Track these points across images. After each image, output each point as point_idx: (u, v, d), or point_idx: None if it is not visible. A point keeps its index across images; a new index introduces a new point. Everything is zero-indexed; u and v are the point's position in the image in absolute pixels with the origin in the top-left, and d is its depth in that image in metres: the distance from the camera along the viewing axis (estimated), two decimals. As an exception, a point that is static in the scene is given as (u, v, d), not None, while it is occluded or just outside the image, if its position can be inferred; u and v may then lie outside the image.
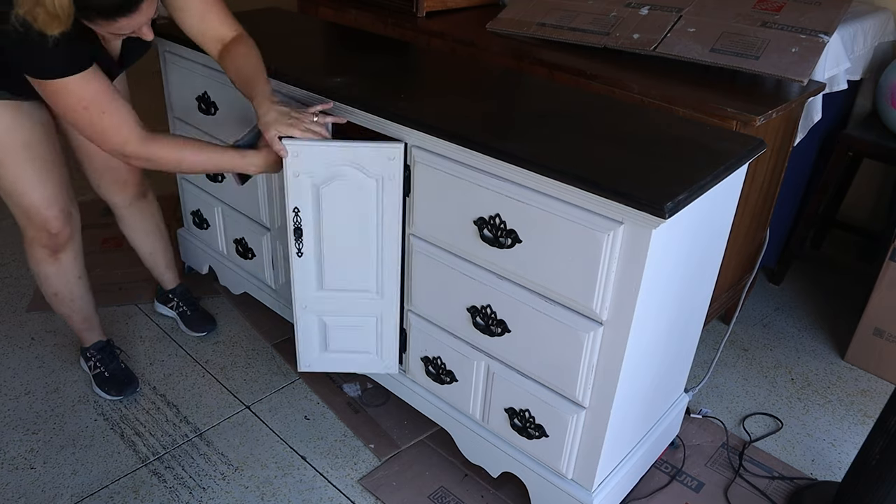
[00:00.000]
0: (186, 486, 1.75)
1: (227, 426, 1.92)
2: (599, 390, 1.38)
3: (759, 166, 1.97)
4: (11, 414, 1.94)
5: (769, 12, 1.98)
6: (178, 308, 2.27)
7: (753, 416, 2.02)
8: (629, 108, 1.61)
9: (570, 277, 1.31)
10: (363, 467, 1.81)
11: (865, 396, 2.12)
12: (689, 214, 1.29)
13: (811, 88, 1.91)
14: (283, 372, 2.12)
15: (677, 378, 1.72)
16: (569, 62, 2.02)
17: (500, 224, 1.37)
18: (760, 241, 2.26)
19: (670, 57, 1.97)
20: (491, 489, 1.75)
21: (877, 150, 2.26)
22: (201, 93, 1.96)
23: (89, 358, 2.04)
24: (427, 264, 1.57)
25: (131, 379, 2.03)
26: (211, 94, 1.93)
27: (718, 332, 2.35)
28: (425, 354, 1.70)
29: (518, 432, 1.55)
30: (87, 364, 2.05)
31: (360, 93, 1.59)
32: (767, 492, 1.78)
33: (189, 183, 2.27)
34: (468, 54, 2.24)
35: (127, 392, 2.00)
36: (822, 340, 2.36)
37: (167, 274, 2.23)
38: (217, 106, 1.93)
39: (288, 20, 2.24)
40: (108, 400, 2.00)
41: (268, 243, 2.04)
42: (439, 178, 1.45)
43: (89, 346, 2.03)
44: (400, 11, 2.51)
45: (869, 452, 1.51)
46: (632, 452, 1.63)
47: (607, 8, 2.18)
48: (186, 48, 1.95)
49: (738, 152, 1.37)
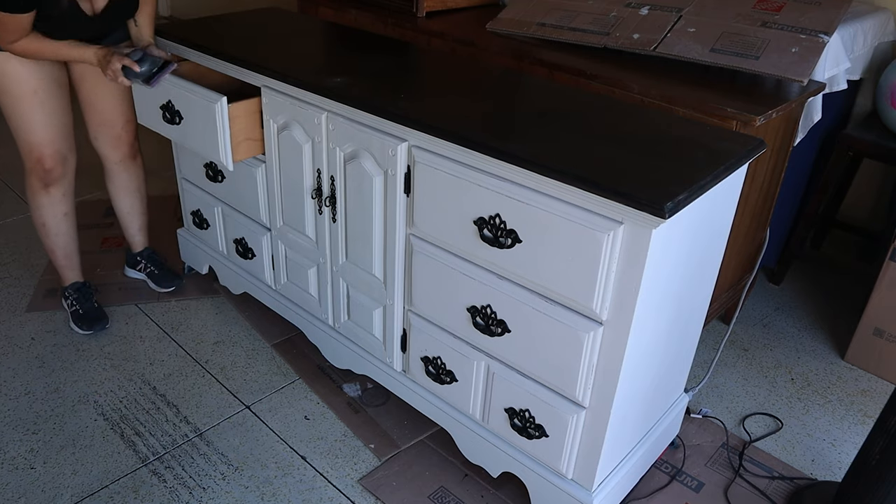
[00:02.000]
0: (186, 486, 1.75)
1: (227, 426, 1.92)
2: (599, 390, 1.38)
3: (759, 166, 1.97)
4: (11, 414, 1.94)
5: (769, 12, 1.98)
6: (147, 269, 2.45)
7: (753, 416, 2.02)
8: (629, 108, 1.61)
9: (570, 277, 1.31)
10: (363, 467, 1.81)
11: (865, 396, 2.12)
12: (689, 214, 1.29)
13: (811, 88, 1.91)
14: (283, 372, 2.12)
15: (677, 378, 1.72)
16: (569, 62, 2.02)
17: (501, 224, 1.37)
18: (760, 241, 2.26)
19: (670, 57, 1.97)
20: (491, 489, 1.75)
21: (877, 150, 2.26)
22: (165, 101, 1.90)
23: (67, 297, 2.28)
24: (427, 264, 1.57)
25: (101, 316, 2.26)
26: (175, 103, 1.87)
27: (718, 332, 2.35)
28: (425, 354, 1.70)
29: (518, 432, 1.55)
30: (66, 302, 2.29)
31: (360, 93, 1.59)
32: (767, 492, 1.78)
33: (189, 183, 2.27)
34: (468, 54, 2.24)
35: (96, 328, 2.23)
36: (822, 340, 2.36)
37: (138, 236, 2.42)
38: (181, 115, 1.87)
39: (288, 20, 2.24)
40: (81, 335, 2.22)
41: (268, 243, 2.04)
42: (439, 178, 1.45)
43: (68, 286, 2.28)
44: (400, 11, 2.51)
45: (869, 452, 1.51)
46: (632, 452, 1.63)
47: (607, 8, 2.18)
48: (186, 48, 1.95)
49: (738, 152, 1.37)
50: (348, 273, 1.80)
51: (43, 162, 2.01)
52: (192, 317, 2.34)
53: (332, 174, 1.70)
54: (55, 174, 2.05)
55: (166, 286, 2.43)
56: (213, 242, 2.29)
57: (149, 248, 2.46)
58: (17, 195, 3.07)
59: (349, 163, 1.63)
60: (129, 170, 2.26)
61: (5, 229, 2.79)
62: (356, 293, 1.82)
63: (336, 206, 1.72)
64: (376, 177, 1.58)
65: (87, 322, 2.23)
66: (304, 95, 1.68)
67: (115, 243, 2.69)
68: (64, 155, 2.04)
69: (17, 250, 2.65)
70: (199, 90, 1.76)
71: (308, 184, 1.78)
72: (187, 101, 1.81)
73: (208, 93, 1.75)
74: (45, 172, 2.03)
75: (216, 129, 1.76)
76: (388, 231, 1.62)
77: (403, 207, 1.56)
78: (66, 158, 2.05)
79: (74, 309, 2.25)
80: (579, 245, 1.27)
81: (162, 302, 2.40)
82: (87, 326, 2.22)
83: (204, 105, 1.76)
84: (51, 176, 2.04)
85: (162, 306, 2.38)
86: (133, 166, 2.26)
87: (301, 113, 1.70)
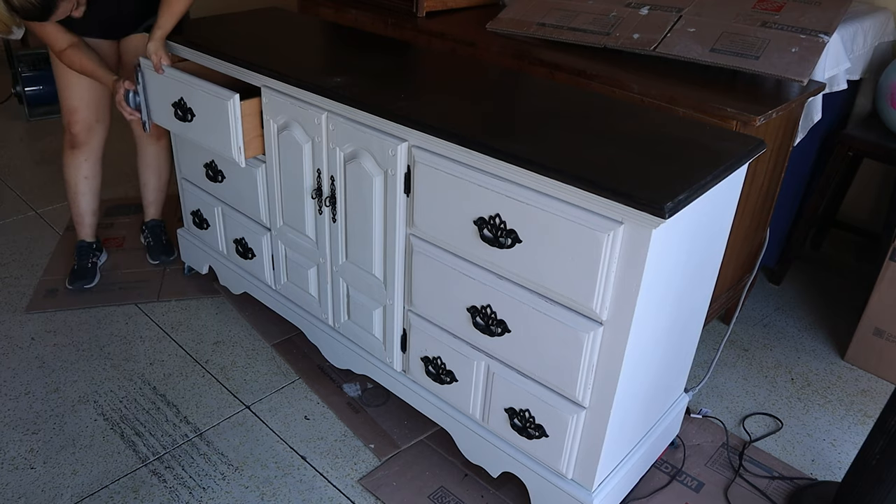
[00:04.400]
0: (186, 486, 1.75)
1: (227, 426, 1.92)
2: (599, 390, 1.38)
3: (759, 166, 1.97)
4: (11, 414, 1.94)
5: (769, 12, 1.98)
6: (146, 240, 2.63)
7: (753, 416, 2.02)
8: (629, 108, 1.61)
9: (570, 277, 1.31)
10: (363, 467, 1.81)
11: (865, 396, 2.12)
12: (689, 214, 1.29)
13: (811, 88, 1.91)
14: (283, 372, 2.12)
15: (677, 378, 1.72)
16: (569, 62, 2.02)
17: (500, 224, 1.37)
18: (760, 241, 2.27)
19: (670, 57, 1.97)
20: (491, 489, 1.75)
21: (877, 150, 2.26)
22: (177, 99, 1.92)
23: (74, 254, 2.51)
24: (427, 264, 1.57)
25: (86, 275, 2.45)
26: (187, 100, 1.89)
27: (718, 332, 2.35)
28: (425, 354, 1.70)
29: (518, 432, 1.55)
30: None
31: (360, 93, 1.59)
32: (767, 492, 1.78)
33: (189, 183, 2.27)
34: (468, 54, 2.24)
35: (76, 284, 2.42)
36: (822, 340, 2.36)
37: (150, 208, 2.62)
38: (193, 112, 1.89)
39: (288, 20, 2.24)
40: (70, 289, 2.41)
41: (268, 243, 2.04)
42: (439, 178, 1.45)
43: (76, 243, 2.50)
44: (400, 11, 2.51)
45: (869, 452, 1.51)
46: (632, 452, 1.63)
47: (607, 8, 2.18)
48: (187, 49, 1.95)
49: (738, 152, 1.37)
50: (348, 273, 1.80)
51: (71, 126, 2.29)
52: (192, 317, 2.34)
53: (332, 174, 1.70)
54: (80, 139, 2.31)
55: (154, 259, 2.59)
56: (213, 242, 2.29)
57: (154, 220, 2.63)
58: (17, 195, 3.07)
59: (349, 163, 1.63)
60: (153, 147, 2.47)
61: (5, 229, 2.79)
62: (356, 293, 1.82)
63: (336, 206, 1.72)
64: (376, 177, 1.58)
65: (73, 278, 2.43)
66: (304, 95, 1.68)
67: (117, 243, 2.70)
68: (90, 124, 2.30)
69: (17, 250, 2.65)
70: (212, 87, 1.79)
71: (308, 184, 1.78)
72: (200, 97, 1.84)
73: (221, 90, 1.77)
74: (72, 136, 2.31)
75: (229, 127, 1.79)
76: (388, 231, 1.62)
77: (403, 207, 1.56)
78: (91, 127, 2.31)
79: (73, 267, 2.47)
80: (579, 245, 1.27)
81: (162, 302, 2.40)
82: (69, 281, 2.43)
83: (217, 102, 1.78)
84: (76, 139, 2.31)
85: (162, 306, 2.38)
86: (157, 146, 2.47)
87: (301, 113, 1.70)
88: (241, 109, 1.77)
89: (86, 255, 2.48)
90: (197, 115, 1.88)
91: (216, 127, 1.83)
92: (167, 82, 1.93)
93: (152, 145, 2.47)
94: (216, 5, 4.23)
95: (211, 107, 1.81)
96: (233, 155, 1.83)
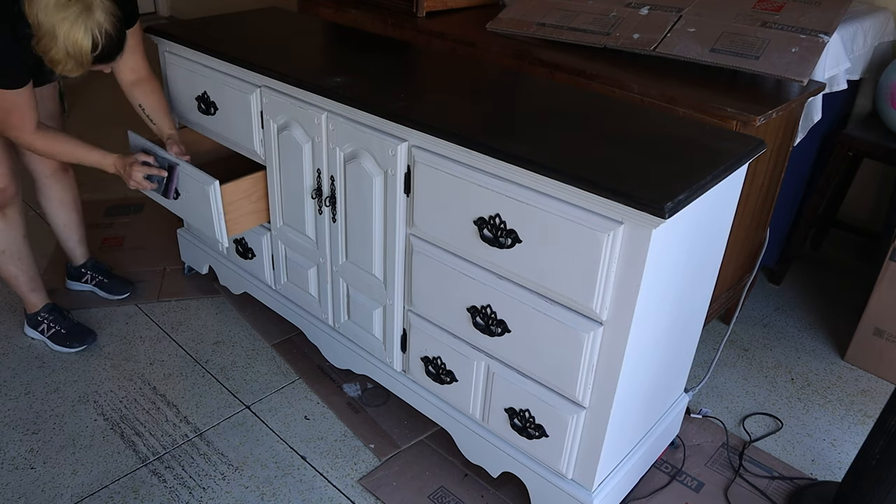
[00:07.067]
0: (186, 486, 1.75)
1: (227, 426, 1.92)
2: (599, 390, 1.38)
3: (759, 166, 1.97)
4: (11, 414, 1.94)
5: (769, 12, 1.98)
6: (94, 280, 2.37)
7: (753, 416, 2.02)
8: (629, 108, 1.61)
9: (570, 277, 1.31)
10: (363, 467, 1.81)
11: (865, 396, 2.12)
12: (689, 214, 1.29)
13: (811, 88, 1.91)
14: (283, 372, 2.12)
15: (677, 378, 1.72)
16: (569, 62, 2.02)
17: (500, 224, 1.37)
18: (760, 241, 2.27)
19: (670, 57, 1.97)
20: (491, 489, 1.75)
21: (877, 150, 2.26)
22: (201, 93, 1.96)
23: (41, 321, 2.15)
24: (427, 264, 1.57)
25: (89, 330, 2.17)
26: (210, 94, 1.93)
27: (718, 332, 2.35)
28: (425, 354, 1.70)
29: (518, 432, 1.55)
30: (39, 329, 2.16)
31: (360, 93, 1.59)
32: (767, 492, 1.78)
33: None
34: (468, 54, 2.24)
35: (89, 340, 2.15)
36: (822, 340, 2.36)
37: (78, 249, 2.33)
38: (217, 106, 1.93)
39: (288, 20, 2.24)
40: (73, 353, 2.12)
41: (268, 243, 2.04)
42: (439, 178, 1.45)
43: (39, 310, 2.15)
44: (400, 11, 2.51)
45: (869, 452, 1.51)
46: (632, 452, 1.63)
47: (607, 8, 2.18)
48: (187, 49, 1.95)
49: (738, 152, 1.37)
50: (348, 273, 1.80)
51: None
52: (192, 317, 2.34)
53: (332, 174, 1.70)
54: (9, 193, 1.93)
55: (120, 293, 2.37)
56: (213, 242, 2.29)
57: (92, 259, 2.38)
58: (17, 195, 3.06)
59: (349, 163, 1.63)
60: (62, 182, 2.17)
61: (5, 229, 2.79)
62: (356, 293, 1.82)
63: (336, 206, 1.73)
64: (376, 177, 1.58)
65: (77, 338, 2.15)
66: (304, 95, 1.68)
67: (116, 243, 2.70)
68: (14, 171, 1.94)
69: (17, 250, 2.65)
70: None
71: (308, 184, 1.78)
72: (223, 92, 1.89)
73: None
74: (0, 192, 1.91)
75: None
76: (387, 231, 1.62)
77: (403, 207, 1.56)
78: (16, 175, 1.94)
79: (54, 330, 2.14)
80: (579, 245, 1.27)
81: (162, 302, 2.40)
82: (78, 342, 2.14)
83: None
84: (5, 195, 1.92)
85: (162, 306, 2.38)
86: (65, 178, 2.17)
87: (301, 113, 1.70)
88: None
89: (63, 315, 2.17)
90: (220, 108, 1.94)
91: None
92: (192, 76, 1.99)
93: (62, 178, 2.16)
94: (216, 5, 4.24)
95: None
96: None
